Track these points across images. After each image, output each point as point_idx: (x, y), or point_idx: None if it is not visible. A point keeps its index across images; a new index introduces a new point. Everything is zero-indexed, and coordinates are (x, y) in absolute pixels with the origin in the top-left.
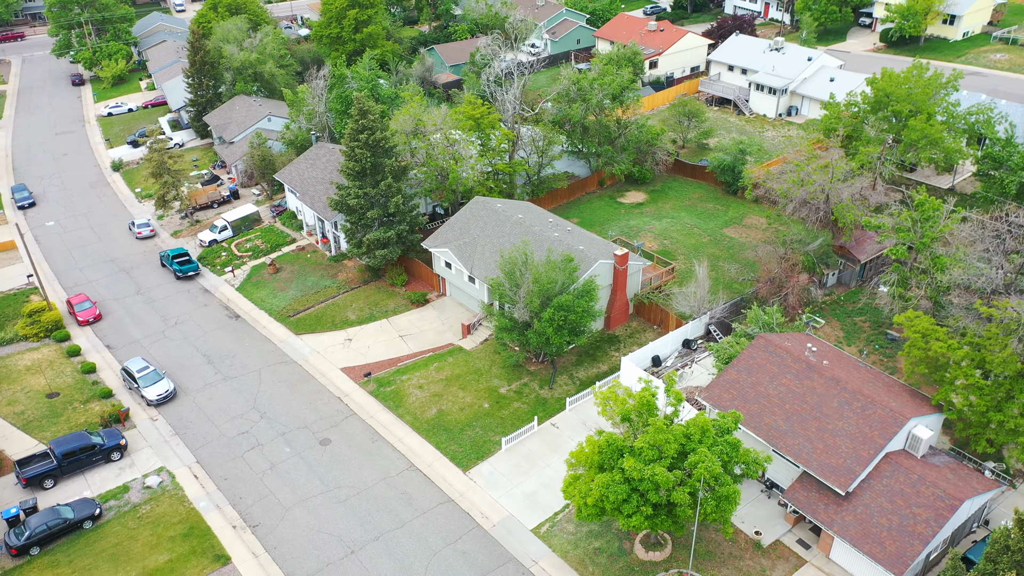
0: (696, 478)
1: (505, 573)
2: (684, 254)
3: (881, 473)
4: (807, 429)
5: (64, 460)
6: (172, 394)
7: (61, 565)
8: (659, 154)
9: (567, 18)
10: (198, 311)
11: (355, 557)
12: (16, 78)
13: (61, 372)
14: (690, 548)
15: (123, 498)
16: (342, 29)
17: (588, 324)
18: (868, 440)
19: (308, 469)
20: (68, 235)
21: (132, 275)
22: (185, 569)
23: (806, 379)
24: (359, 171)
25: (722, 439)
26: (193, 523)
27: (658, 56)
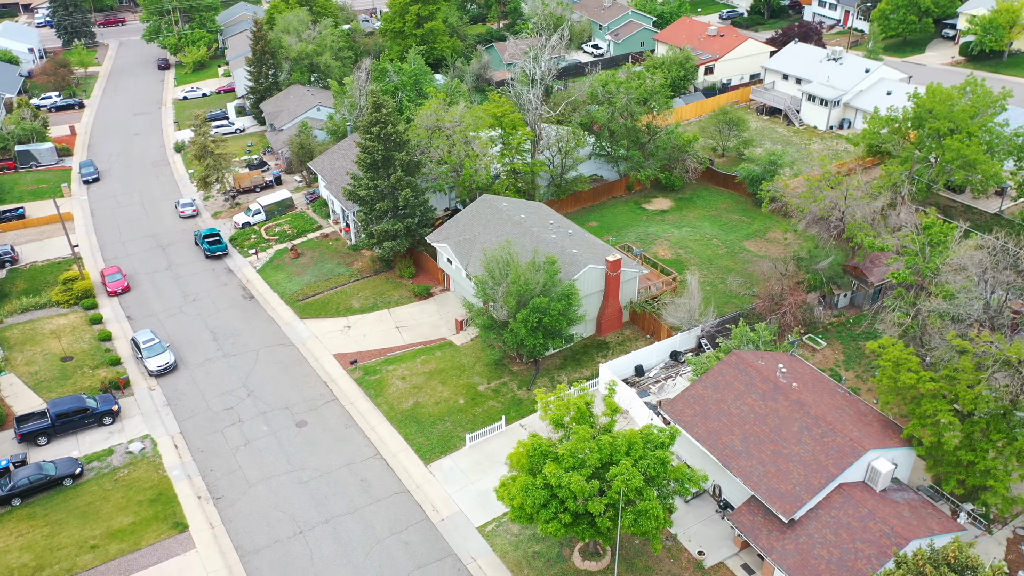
0: (615, 490)
1: (441, 567)
2: (696, 265)
3: (831, 504)
4: (762, 452)
5: (58, 420)
6: (172, 366)
7: (36, 518)
8: (689, 162)
9: (632, 20)
10: (217, 289)
11: (302, 537)
12: (111, 61)
13: (80, 338)
14: (629, 561)
15: (106, 460)
16: (404, 24)
17: (564, 327)
18: (822, 468)
19: (279, 448)
20: (121, 210)
21: (167, 251)
22: (145, 532)
23: (771, 400)
24: (371, 163)
25: (652, 453)
26: (162, 490)
27: (714, 62)
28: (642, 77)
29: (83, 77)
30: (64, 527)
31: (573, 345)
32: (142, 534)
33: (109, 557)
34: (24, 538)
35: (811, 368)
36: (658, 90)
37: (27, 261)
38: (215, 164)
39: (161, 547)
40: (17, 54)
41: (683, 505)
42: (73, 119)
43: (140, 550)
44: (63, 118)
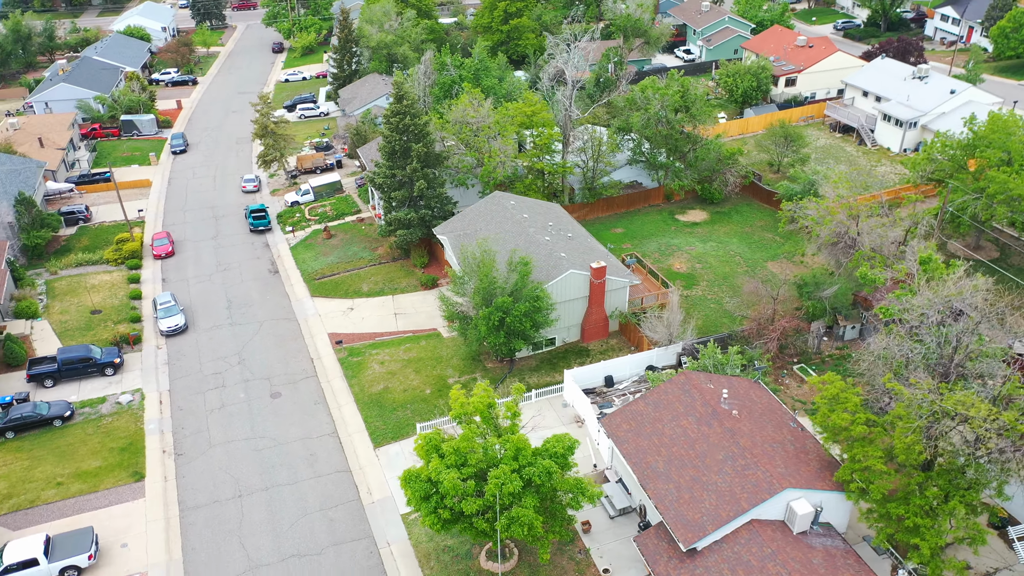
0: (490, 493)
1: (355, 548)
2: (708, 280)
3: (737, 539)
4: (682, 476)
5: (63, 366)
6: (182, 328)
7: (22, 451)
8: (730, 175)
9: (728, 26)
10: (248, 262)
11: (240, 501)
12: (233, 42)
13: (114, 294)
14: (534, 568)
15: (96, 407)
16: (492, 19)
17: (528, 329)
18: (734, 501)
19: (248, 416)
20: (194, 180)
21: (219, 222)
22: (106, 477)
23: (705, 425)
24: (390, 152)
25: (541, 462)
26: (134, 440)
27: (797, 74)
28: (686, 84)
29: (204, 56)
30: (41, 463)
31: (554, 349)
32: (103, 478)
33: (69, 495)
34: (6, 468)
35: (770, 399)
36: (700, 98)
37: (98, 220)
38: (274, 144)
39: (116, 492)
40: (150, 32)
41: (608, 521)
42: (184, 94)
43: (97, 492)
44: (175, 93)
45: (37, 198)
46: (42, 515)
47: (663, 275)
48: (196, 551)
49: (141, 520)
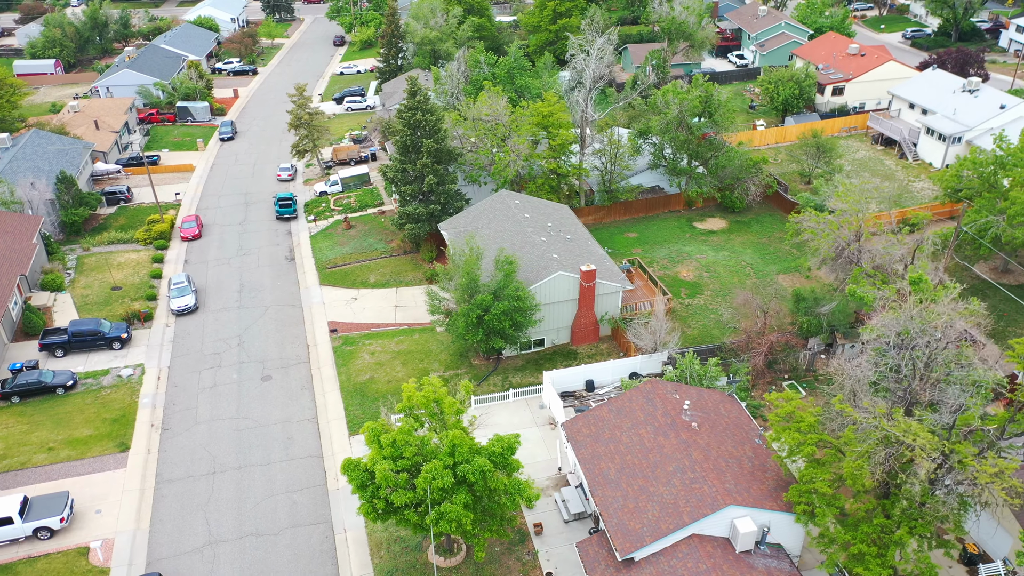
0: (421, 487)
1: (312, 531)
2: (712, 290)
3: (675, 553)
4: (631, 485)
5: (73, 338)
6: (191, 308)
7: (23, 415)
8: (751, 184)
9: (784, 32)
10: (268, 248)
11: (212, 478)
12: (298, 35)
13: (137, 272)
14: (479, 567)
15: (99, 379)
16: (541, 19)
17: (507, 328)
18: (676, 515)
19: (236, 396)
20: (235, 167)
21: (249, 208)
22: (94, 445)
23: (662, 435)
24: (403, 146)
25: (476, 460)
26: (127, 413)
27: (845, 82)
28: (709, 89)
29: (268, 48)
30: (39, 428)
31: (543, 350)
32: (92, 446)
33: (57, 460)
34: (7, 430)
35: (740, 414)
36: (723, 105)
37: (138, 201)
38: (308, 135)
39: (100, 461)
40: (219, 22)
41: (563, 525)
42: (243, 84)
43: (83, 459)
44: (235, 82)
45: (83, 178)
46: (29, 477)
47: (669, 282)
48: (163, 522)
49: (118, 489)
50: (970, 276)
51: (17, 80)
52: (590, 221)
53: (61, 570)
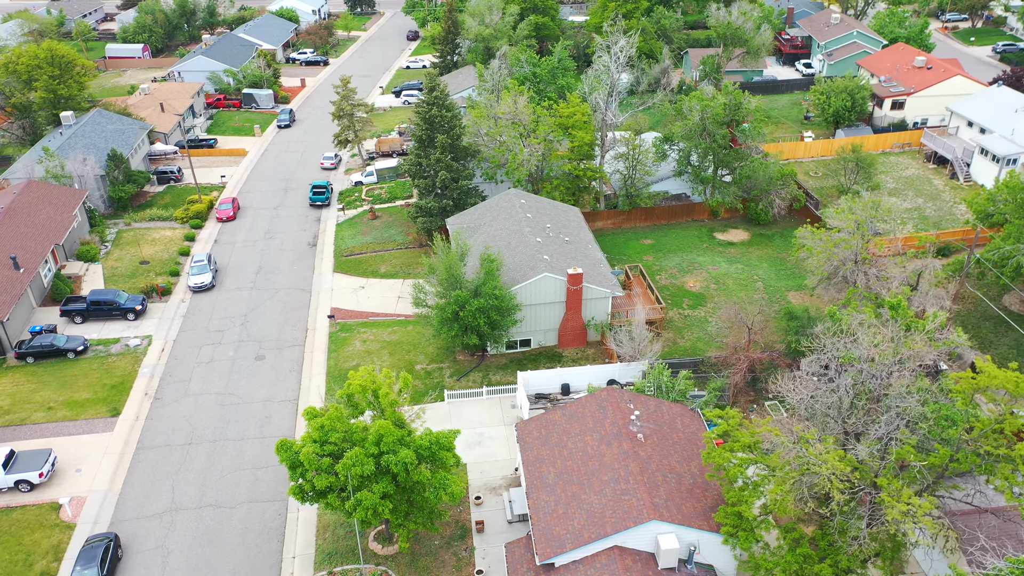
0: (341, 473)
1: (267, 508)
2: (715, 303)
3: (594, 563)
4: (565, 491)
5: (91, 307)
6: (207, 286)
7: (34, 375)
8: (776, 196)
9: (856, 41)
10: (294, 233)
11: (187, 448)
12: (376, 28)
13: (167, 249)
14: (415, 556)
15: (108, 347)
16: (602, 19)
17: (482, 326)
18: (601, 525)
19: (227, 372)
20: (284, 154)
21: (287, 194)
22: (89, 408)
23: (605, 444)
24: (419, 140)
25: (402, 452)
26: (126, 380)
27: (906, 96)
28: (739, 97)
29: (344, 40)
30: (44, 388)
31: (529, 350)
32: (87, 409)
33: (53, 419)
34: (17, 387)
35: (697, 429)
36: (752, 113)
37: (187, 182)
38: (350, 125)
39: (91, 423)
40: (300, 13)
41: (506, 525)
42: (312, 73)
43: (76, 421)
44: (306, 71)
45: (137, 156)
46: (25, 433)
47: (674, 292)
48: (133, 486)
49: (101, 451)
50: (985, 307)
51: (87, 62)
52: (609, 225)
53: (32, 522)
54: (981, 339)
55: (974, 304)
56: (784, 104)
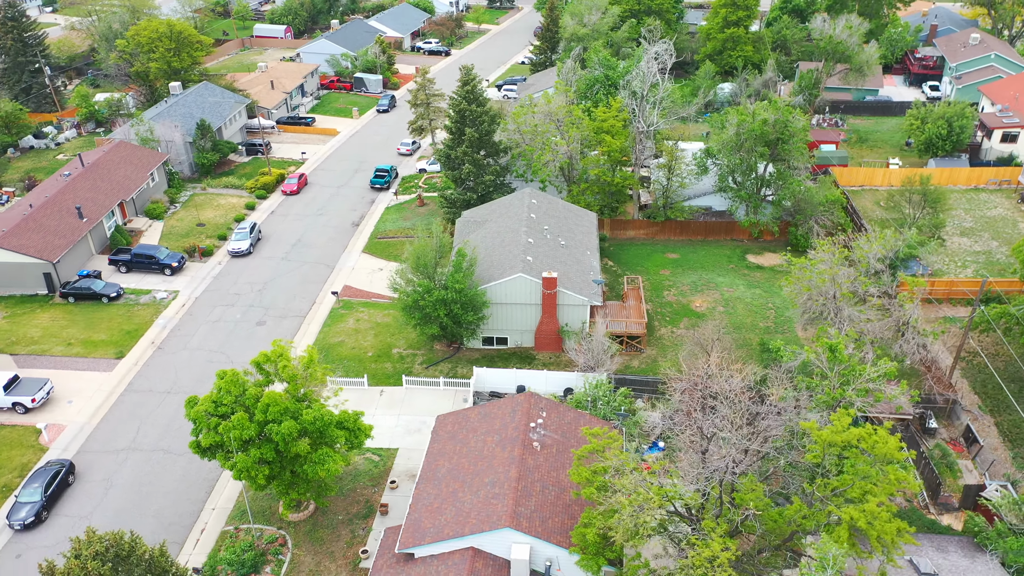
0: (224, 435)
1: (205, 467)
2: (715, 325)
3: (447, 560)
4: (449, 486)
5: (134, 259)
6: (244, 253)
7: (69, 313)
8: (816, 223)
9: (993, 64)
10: (344, 212)
11: (166, 396)
12: (508, 23)
13: (226, 214)
14: (315, 522)
15: (139, 296)
16: (712, 26)
17: (442, 317)
18: (462, 524)
19: (227, 332)
20: (371, 137)
21: (355, 175)
22: (100, 349)
23: (500, 447)
24: (451, 132)
25: (286, 423)
26: (140, 328)
27: (1021, 128)
28: (788, 114)
29: (473, 32)
30: (73, 325)
31: (504, 348)
32: (98, 349)
33: (68, 353)
34: (52, 322)
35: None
36: (796, 133)
37: (273, 155)
38: (425, 113)
39: (96, 362)
40: (436, 4)
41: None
42: (431, 63)
43: (86, 358)
44: (426, 60)
45: (232, 128)
46: (42, 362)
47: (677, 309)
48: (107, 422)
49: (95, 388)
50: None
51: (205, 38)
52: (641, 235)
53: (14, 440)
54: (998, 401)
55: (1006, 363)
56: (890, 127)
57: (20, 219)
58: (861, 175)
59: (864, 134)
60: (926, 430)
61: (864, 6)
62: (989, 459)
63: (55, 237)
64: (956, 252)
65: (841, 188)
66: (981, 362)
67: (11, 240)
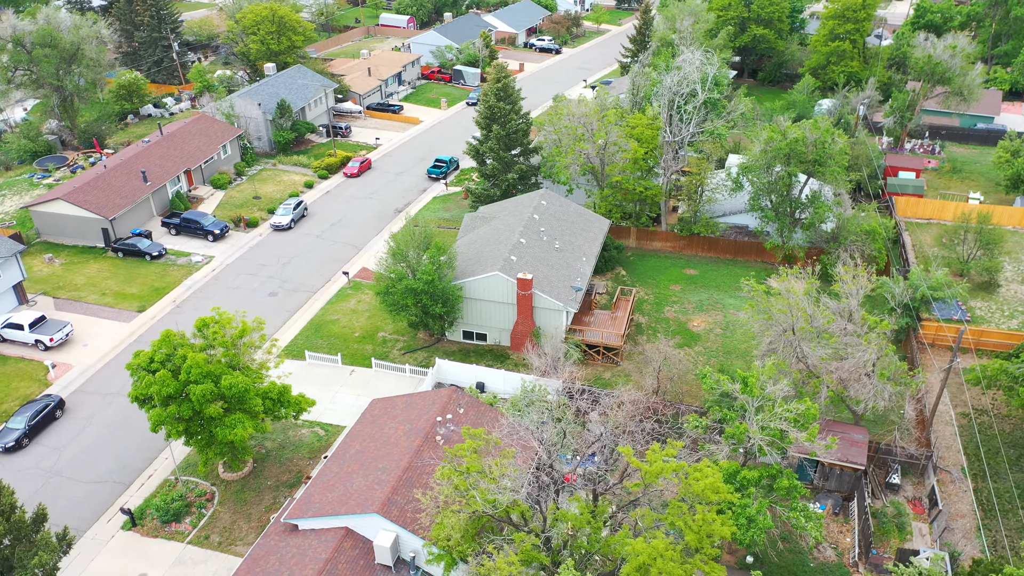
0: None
1: None
2: (704, 348)
3: (321, 535)
4: (350, 466)
5: (182, 223)
6: (284, 227)
7: (115, 266)
8: (844, 253)
9: None
10: (392, 198)
11: None
12: (628, 24)
13: (284, 190)
14: (248, 484)
15: (178, 258)
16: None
17: (411, 306)
18: (343, 504)
19: (240, 299)
20: (448, 130)
21: (418, 164)
22: (126, 301)
23: (407, 436)
24: (481, 127)
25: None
26: (168, 287)
27: None
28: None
29: (591, 32)
30: (113, 277)
31: (483, 344)
32: (125, 301)
33: (99, 302)
34: (97, 272)
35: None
36: (836, 156)
37: (353, 139)
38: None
39: (120, 313)
40: (560, 3)
41: None
42: (537, 60)
43: (112, 308)
44: (534, 57)
45: (316, 109)
46: (74, 307)
47: (673, 326)
48: (108, 368)
49: (109, 335)
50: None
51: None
52: (667, 248)
53: (25, 373)
54: (995, 466)
55: (1015, 425)
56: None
57: (91, 178)
58: (930, 207)
59: (961, 164)
60: (889, 485)
61: (1004, 25)
62: (944, 525)
63: (117, 196)
64: (1008, 300)
65: (896, 219)
66: (987, 421)
67: (76, 196)
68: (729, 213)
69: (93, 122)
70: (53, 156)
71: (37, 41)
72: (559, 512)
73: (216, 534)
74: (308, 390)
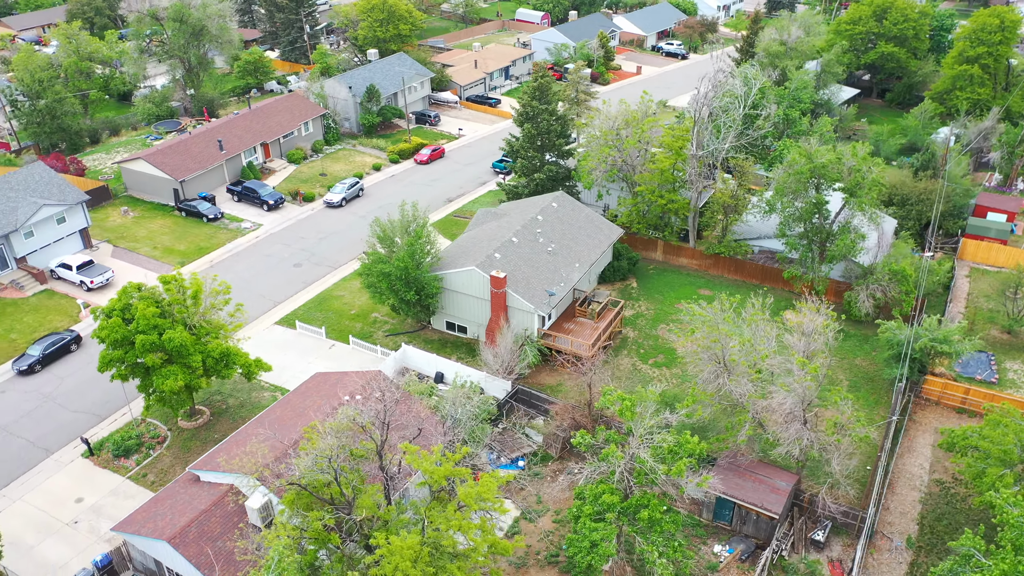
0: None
1: None
2: (681, 369)
3: (211, 489)
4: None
5: (243, 191)
6: (336, 204)
7: (177, 225)
8: (865, 292)
9: None
10: (451, 187)
11: None
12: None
13: (352, 170)
14: (208, 433)
15: (231, 223)
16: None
17: (385, 289)
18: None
19: (267, 267)
20: None
21: (491, 158)
22: (172, 256)
23: (315, 411)
24: (518, 124)
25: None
26: (212, 247)
27: None
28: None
29: (728, 39)
30: (169, 235)
31: (462, 337)
32: (170, 256)
33: (149, 255)
34: (160, 227)
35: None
36: (869, 185)
37: (439, 128)
38: (570, 109)
39: (162, 266)
40: (702, 7)
41: None
42: (661, 64)
43: (157, 261)
44: (658, 61)
45: (412, 96)
46: (127, 256)
47: (657, 344)
48: None
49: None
50: None
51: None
52: (693, 265)
53: (62, 308)
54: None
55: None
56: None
57: (175, 142)
58: (1003, 255)
59: None
60: (812, 541)
61: None
62: None
63: (191, 161)
64: None
65: (955, 263)
66: (963, 492)
67: (155, 157)
68: (763, 237)
69: (209, 93)
70: (168, 120)
71: (170, 16)
72: (361, 499)
73: (153, 474)
74: (286, 357)
